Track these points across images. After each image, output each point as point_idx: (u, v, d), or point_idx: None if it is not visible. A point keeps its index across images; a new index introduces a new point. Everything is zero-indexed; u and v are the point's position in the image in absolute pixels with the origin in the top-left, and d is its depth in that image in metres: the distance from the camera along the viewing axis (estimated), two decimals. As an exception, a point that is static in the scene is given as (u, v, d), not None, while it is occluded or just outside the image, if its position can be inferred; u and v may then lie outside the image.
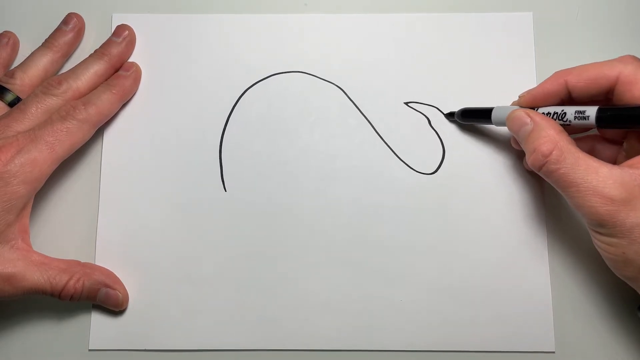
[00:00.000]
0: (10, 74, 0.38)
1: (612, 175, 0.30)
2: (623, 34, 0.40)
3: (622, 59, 0.32)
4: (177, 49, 0.40)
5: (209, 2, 0.41)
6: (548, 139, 0.31)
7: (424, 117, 0.39)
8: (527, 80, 0.39)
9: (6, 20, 0.41)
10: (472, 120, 0.38)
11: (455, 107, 0.39)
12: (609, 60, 0.33)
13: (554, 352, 0.36)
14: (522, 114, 0.33)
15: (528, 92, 0.35)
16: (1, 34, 0.40)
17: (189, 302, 0.37)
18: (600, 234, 0.31)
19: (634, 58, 0.32)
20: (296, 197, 0.38)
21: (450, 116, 0.39)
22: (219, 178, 0.38)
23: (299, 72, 0.40)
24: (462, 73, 0.39)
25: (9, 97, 0.37)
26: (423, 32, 0.40)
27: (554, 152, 0.31)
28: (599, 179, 0.30)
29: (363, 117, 0.39)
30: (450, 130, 0.39)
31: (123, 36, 0.39)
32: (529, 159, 0.32)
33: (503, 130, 0.38)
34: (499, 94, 0.39)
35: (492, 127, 0.38)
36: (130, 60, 0.40)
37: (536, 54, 0.40)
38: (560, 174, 0.31)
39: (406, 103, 0.39)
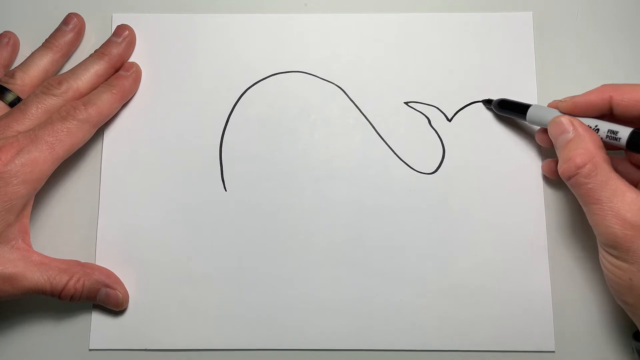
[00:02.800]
0: (11, 74, 0.38)
1: (638, 202, 0.30)
2: (623, 33, 0.40)
3: None
4: (177, 49, 0.40)
5: (209, 2, 0.41)
6: (585, 152, 0.31)
7: (424, 117, 0.39)
8: (527, 80, 0.39)
9: (6, 20, 0.41)
10: (508, 112, 0.38)
11: (455, 107, 0.39)
12: None
13: (554, 352, 0.36)
14: (567, 121, 0.33)
15: (571, 98, 0.34)
16: (1, 34, 0.40)
17: (189, 302, 0.37)
18: (611, 255, 0.31)
19: None
20: (296, 197, 0.38)
21: (487, 103, 0.39)
22: (219, 178, 0.38)
23: (299, 72, 0.40)
24: (462, 73, 0.39)
25: (9, 97, 0.37)
26: (423, 32, 0.40)
27: (587, 166, 0.31)
28: (624, 202, 0.30)
29: (363, 117, 0.39)
30: (450, 130, 0.39)
31: (123, 36, 0.39)
32: (561, 167, 0.32)
33: (507, 129, 0.38)
34: (499, 94, 0.39)
35: (500, 125, 0.38)
36: (130, 60, 0.40)
37: (536, 54, 0.40)
38: (587, 188, 0.31)
39: (406, 103, 0.39)
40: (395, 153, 0.39)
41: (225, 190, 0.38)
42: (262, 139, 0.39)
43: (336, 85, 0.40)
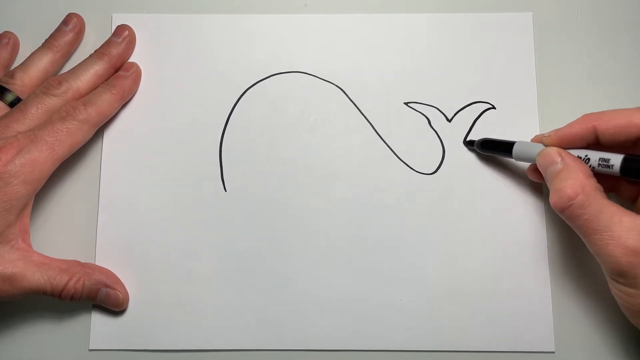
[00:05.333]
0: (11, 74, 0.38)
1: (636, 226, 0.29)
2: (623, 34, 0.40)
3: None
4: (177, 49, 0.40)
5: (209, 2, 0.41)
6: (575, 182, 0.31)
7: (424, 117, 0.39)
8: (527, 80, 0.39)
9: (6, 20, 0.41)
10: (492, 151, 0.37)
11: (455, 107, 0.39)
12: (638, 108, 0.32)
13: (553, 352, 0.36)
14: (554, 152, 0.33)
15: (555, 132, 0.34)
16: (1, 34, 0.40)
17: (189, 302, 0.37)
18: (620, 283, 0.31)
19: None
20: (296, 197, 0.38)
21: (469, 144, 0.38)
22: (219, 178, 0.38)
23: (299, 72, 0.40)
24: (462, 73, 0.39)
25: (9, 97, 0.37)
26: (423, 32, 0.40)
27: (579, 197, 0.30)
28: (622, 228, 0.29)
29: (363, 117, 0.39)
30: (450, 131, 0.39)
31: (123, 36, 0.39)
32: (552, 199, 0.32)
33: (507, 130, 0.38)
34: (499, 94, 0.39)
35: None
36: (130, 60, 0.40)
37: (536, 54, 0.40)
38: (584, 220, 0.30)
39: (406, 103, 0.39)
40: (395, 153, 0.39)
41: (225, 190, 0.38)
42: (262, 139, 0.39)
43: (336, 85, 0.40)
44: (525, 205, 0.38)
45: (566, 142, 0.33)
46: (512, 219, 0.38)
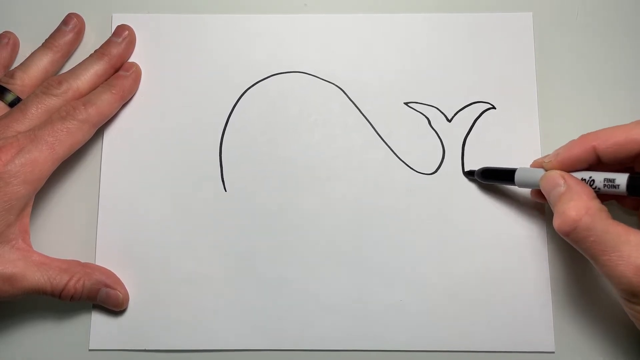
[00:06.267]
0: (11, 74, 0.38)
1: None
2: (623, 34, 0.40)
3: None
4: (177, 49, 0.40)
5: (209, 2, 0.41)
6: (579, 204, 0.30)
7: (424, 117, 0.39)
8: (527, 80, 0.39)
9: (6, 20, 0.41)
10: (493, 180, 0.37)
11: (455, 107, 0.39)
12: (635, 123, 0.32)
13: (553, 352, 0.36)
14: (557, 175, 0.32)
15: (555, 157, 0.33)
16: (1, 34, 0.40)
17: (188, 302, 0.37)
18: (633, 302, 0.30)
19: None
20: (296, 197, 0.38)
21: (469, 175, 0.38)
22: (219, 178, 0.38)
23: (299, 72, 0.40)
24: (462, 73, 0.39)
25: (9, 97, 0.37)
26: (423, 32, 0.40)
27: (584, 219, 0.30)
28: (630, 248, 0.29)
29: (363, 117, 0.39)
30: (450, 131, 0.39)
31: (123, 36, 0.39)
32: (556, 222, 0.31)
33: (507, 130, 0.38)
34: (499, 94, 0.39)
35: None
36: (130, 60, 0.40)
37: (536, 54, 0.40)
38: (590, 242, 0.30)
39: (406, 103, 0.39)
40: (395, 153, 0.39)
41: (225, 190, 0.38)
42: (262, 139, 0.39)
43: (336, 85, 0.40)
44: (526, 205, 0.38)
45: (567, 166, 0.33)
46: (512, 218, 0.38)
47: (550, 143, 0.38)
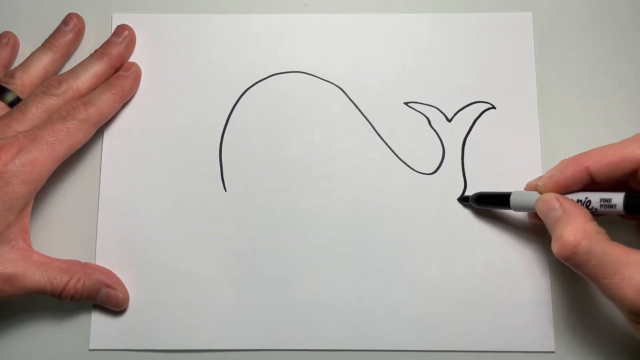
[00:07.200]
0: (11, 74, 0.38)
1: None
2: (623, 34, 0.40)
3: (639, 139, 0.31)
4: (177, 49, 0.40)
5: (209, 2, 0.41)
6: (575, 227, 0.30)
7: (424, 117, 0.39)
8: (527, 80, 0.39)
9: (6, 20, 0.41)
10: (488, 205, 0.37)
11: (455, 108, 0.39)
12: (627, 141, 0.31)
13: (553, 352, 0.36)
14: (552, 198, 0.32)
15: (549, 179, 0.33)
16: (1, 34, 0.40)
17: (189, 302, 0.37)
18: (638, 323, 0.30)
19: None
20: (296, 197, 0.38)
21: (464, 200, 0.38)
22: (219, 178, 0.38)
23: (299, 72, 0.40)
24: (462, 73, 0.39)
25: (9, 97, 0.37)
26: (423, 32, 0.40)
27: (582, 243, 0.30)
28: (632, 270, 0.29)
29: (363, 117, 0.39)
30: (450, 130, 0.39)
31: (123, 36, 0.39)
32: (555, 247, 0.31)
33: (507, 131, 0.38)
34: (499, 94, 0.39)
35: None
36: (130, 60, 0.40)
37: (536, 54, 0.40)
38: (591, 266, 0.30)
39: (406, 103, 0.39)
40: (395, 153, 0.39)
41: (225, 190, 0.38)
42: (262, 139, 0.39)
43: (336, 85, 0.40)
44: (525, 205, 0.38)
45: (562, 187, 0.32)
46: (512, 218, 0.38)
47: (550, 143, 0.38)
